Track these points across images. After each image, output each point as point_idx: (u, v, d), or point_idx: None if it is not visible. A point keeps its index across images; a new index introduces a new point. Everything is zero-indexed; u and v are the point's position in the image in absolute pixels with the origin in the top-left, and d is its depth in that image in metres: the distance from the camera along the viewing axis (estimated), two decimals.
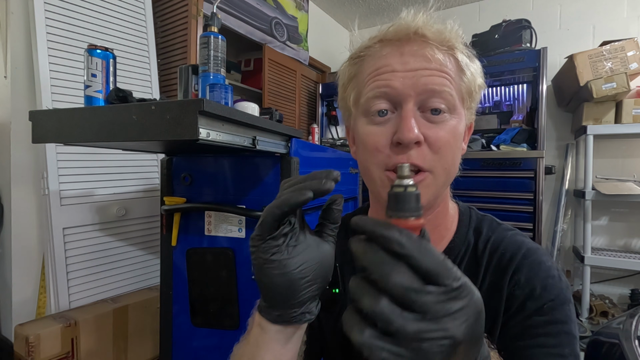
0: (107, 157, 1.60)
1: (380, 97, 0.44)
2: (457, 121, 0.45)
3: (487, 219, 0.54)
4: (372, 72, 0.46)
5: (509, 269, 0.46)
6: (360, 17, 3.40)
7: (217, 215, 1.17)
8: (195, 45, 1.90)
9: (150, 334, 1.53)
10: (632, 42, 2.11)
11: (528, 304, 0.44)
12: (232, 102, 0.92)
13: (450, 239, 0.52)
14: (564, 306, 0.43)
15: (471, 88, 0.47)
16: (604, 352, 0.94)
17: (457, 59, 0.46)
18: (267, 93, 2.51)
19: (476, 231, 0.52)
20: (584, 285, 2.19)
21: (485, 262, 0.48)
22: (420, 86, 0.43)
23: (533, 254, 0.47)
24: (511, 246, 0.48)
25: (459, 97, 0.45)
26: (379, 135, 0.45)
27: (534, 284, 0.44)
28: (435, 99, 0.43)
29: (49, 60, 1.44)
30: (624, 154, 2.48)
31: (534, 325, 0.43)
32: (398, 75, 0.43)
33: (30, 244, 1.50)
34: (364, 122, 0.47)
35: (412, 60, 0.44)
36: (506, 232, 0.51)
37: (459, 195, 0.50)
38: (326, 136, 3.13)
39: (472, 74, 0.47)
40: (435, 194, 0.46)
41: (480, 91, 0.49)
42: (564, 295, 0.44)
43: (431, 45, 0.44)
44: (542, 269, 0.45)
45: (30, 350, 1.18)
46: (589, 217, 2.21)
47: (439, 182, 0.45)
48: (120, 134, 0.78)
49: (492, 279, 0.47)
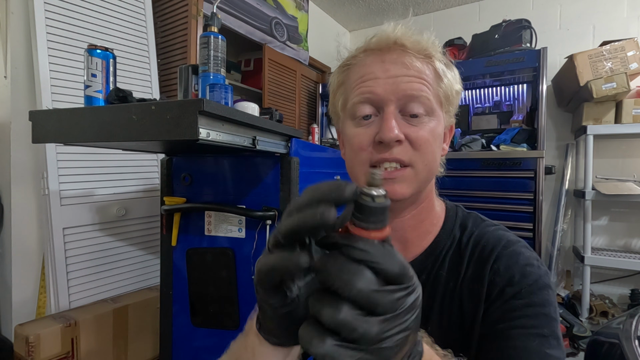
0: (107, 157, 1.60)
1: (365, 102, 0.48)
2: (435, 123, 0.49)
3: (472, 216, 0.57)
4: (357, 79, 0.50)
5: (489, 259, 0.49)
6: (360, 17, 3.40)
7: (217, 215, 1.17)
8: (195, 45, 1.90)
9: (150, 334, 1.53)
10: (632, 42, 2.11)
11: (507, 289, 0.46)
12: (232, 102, 0.92)
13: (437, 233, 0.55)
14: (542, 290, 0.45)
15: (448, 93, 0.51)
16: (604, 352, 0.94)
17: (435, 66, 0.50)
18: (267, 93, 2.51)
19: (462, 227, 0.55)
20: (584, 285, 2.19)
21: (469, 254, 0.51)
22: (400, 91, 0.47)
23: (512, 245, 0.50)
24: (492, 239, 0.51)
25: (436, 101, 0.49)
26: (363, 135, 0.49)
27: (513, 272, 0.47)
28: (413, 103, 0.47)
29: (49, 60, 1.44)
30: (624, 154, 2.48)
31: (512, 309, 0.45)
32: (380, 82, 0.47)
33: (30, 244, 1.50)
34: (351, 125, 0.51)
35: (393, 67, 0.48)
36: (489, 227, 0.54)
37: (459, 195, 0.50)
38: (326, 136, 3.13)
39: (449, 80, 0.51)
40: (417, 188, 0.49)
41: (458, 96, 0.53)
42: (542, 280, 0.46)
43: (409, 54, 0.48)
44: (521, 258, 0.48)
45: (30, 350, 1.18)
46: (589, 217, 2.21)
47: (421, 176, 0.49)
48: (120, 134, 0.78)
49: (474, 269, 0.50)
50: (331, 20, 3.44)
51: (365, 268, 0.23)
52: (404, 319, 0.24)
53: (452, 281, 0.51)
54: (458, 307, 0.50)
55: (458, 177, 2.30)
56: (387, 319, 0.23)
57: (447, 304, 0.50)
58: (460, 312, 0.49)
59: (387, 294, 0.23)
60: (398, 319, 0.24)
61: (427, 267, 0.53)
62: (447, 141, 0.56)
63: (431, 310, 0.51)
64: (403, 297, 0.24)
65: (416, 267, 0.52)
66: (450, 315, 0.50)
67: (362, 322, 0.23)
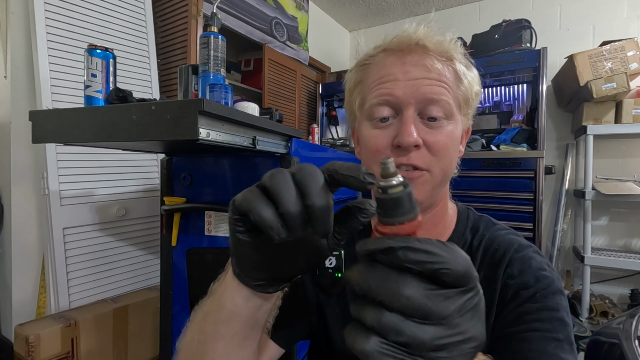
0: (107, 157, 1.60)
1: (383, 104, 0.48)
2: (454, 126, 0.49)
3: (483, 219, 0.57)
4: (376, 79, 0.49)
5: (502, 263, 0.49)
6: (360, 17, 3.40)
7: (217, 215, 1.17)
8: (195, 45, 1.90)
9: (150, 334, 1.53)
10: (632, 42, 2.11)
11: (521, 292, 0.46)
12: (232, 102, 0.92)
13: (448, 236, 0.54)
14: (555, 295, 0.45)
15: (468, 95, 0.50)
16: (604, 352, 0.94)
17: (455, 68, 0.49)
18: (267, 93, 2.50)
19: (473, 229, 0.55)
20: (584, 285, 2.19)
21: (480, 257, 0.51)
22: (420, 95, 0.46)
23: (524, 250, 0.50)
24: (504, 243, 0.51)
25: (456, 105, 0.49)
26: (381, 138, 0.48)
27: (527, 276, 0.47)
28: (433, 106, 0.46)
29: (49, 60, 1.44)
30: (624, 154, 2.48)
31: (527, 312, 0.44)
32: (400, 84, 0.46)
33: (30, 244, 1.50)
34: (368, 126, 0.50)
35: (413, 69, 0.47)
36: (500, 230, 0.54)
37: (459, 195, 0.50)
38: (326, 136, 3.13)
39: (469, 82, 0.50)
40: (433, 192, 0.49)
41: (477, 98, 0.53)
42: (555, 285, 0.46)
43: (431, 56, 0.47)
44: (534, 262, 0.48)
45: (30, 350, 1.18)
46: (589, 217, 2.21)
47: (436, 181, 0.48)
48: (120, 134, 0.77)
49: (485, 272, 0.49)
50: (331, 20, 3.44)
51: (407, 274, 0.21)
52: (466, 326, 0.21)
53: None
54: None
55: (458, 177, 2.28)
56: (442, 324, 0.21)
57: None
58: None
59: (442, 300, 0.21)
60: (457, 326, 0.21)
61: None
62: (464, 143, 0.55)
63: None
64: (462, 302, 0.21)
65: None
66: None
67: (410, 326, 0.20)
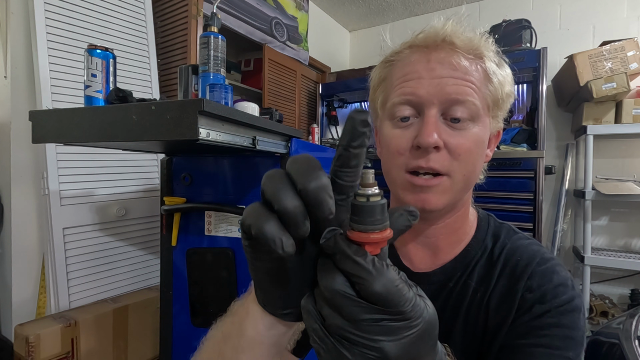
0: (107, 157, 1.60)
1: (405, 103, 0.46)
2: (479, 129, 0.46)
3: (505, 227, 0.55)
4: (400, 77, 0.47)
5: (524, 275, 0.47)
6: (360, 17, 3.40)
7: (217, 215, 1.17)
8: (195, 45, 1.90)
9: (150, 334, 1.53)
10: (632, 42, 2.11)
11: (537, 306, 0.44)
12: (232, 102, 0.92)
13: (468, 242, 0.53)
14: (572, 313, 0.43)
15: (497, 96, 0.47)
16: (604, 352, 0.94)
17: (485, 67, 0.46)
18: (267, 93, 2.50)
19: (494, 237, 0.53)
20: (584, 285, 2.19)
21: (500, 266, 0.49)
22: (444, 94, 0.44)
23: (547, 262, 0.48)
24: (526, 254, 0.49)
25: (483, 106, 0.46)
26: (401, 139, 0.46)
27: (546, 290, 0.45)
28: (457, 107, 0.44)
29: (49, 60, 1.44)
30: (624, 154, 2.48)
31: (540, 326, 0.43)
32: (423, 83, 0.44)
33: (30, 244, 1.50)
34: (389, 126, 0.48)
35: (439, 67, 0.44)
36: (522, 240, 0.52)
37: None
38: (326, 136, 3.12)
39: (499, 82, 0.47)
40: (453, 199, 0.47)
41: (508, 99, 0.49)
42: (574, 303, 0.44)
43: (458, 53, 0.45)
44: (555, 277, 0.46)
45: (30, 350, 1.18)
46: (589, 217, 2.21)
47: (457, 187, 0.46)
48: (120, 134, 0.77)
49: (506, 283, 0.48)
50: (331, 20, 3.44)
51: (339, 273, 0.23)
52: (380, 337, 0.23)
53: (481, 292, 0.49)
54: (484, 319, 0.48)
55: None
56: (352, 324, 0.23)
57: (474, 313, 0.49)
58: (485, 323, 0.48)
59: (357, 306, 0.22)
60: (369, 333, 0.22)
61: (456, 274, 0.51)
62: (492, 147, 0.53)
63: (456, 318, 0.50)
64: (386, 320, 0.22)
65: (444, 273, 0.51)
66: (475, 325, 0.48)
67: (327, 310, 0.24)
